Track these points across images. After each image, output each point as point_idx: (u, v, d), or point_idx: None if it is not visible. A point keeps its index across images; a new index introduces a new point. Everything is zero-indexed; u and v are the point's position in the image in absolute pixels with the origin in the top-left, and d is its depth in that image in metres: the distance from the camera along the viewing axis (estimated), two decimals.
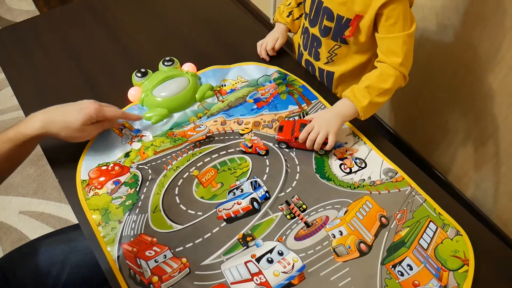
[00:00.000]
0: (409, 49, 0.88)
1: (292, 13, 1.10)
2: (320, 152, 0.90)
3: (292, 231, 0.78)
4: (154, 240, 0.78)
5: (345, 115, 0.88)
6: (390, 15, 0.86)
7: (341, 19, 0.92)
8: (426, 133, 1.53)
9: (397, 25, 0.86)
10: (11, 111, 1.99)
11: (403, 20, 0.86)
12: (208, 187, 0.85)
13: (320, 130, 0.86)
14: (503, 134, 1.24)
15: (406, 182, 0.85)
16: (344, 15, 0.91)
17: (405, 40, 0.87)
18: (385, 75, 0.88)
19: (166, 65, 1.04)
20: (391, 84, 0.88)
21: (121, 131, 0.95)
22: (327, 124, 0.87)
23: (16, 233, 1.59)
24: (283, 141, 0.91)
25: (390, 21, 0.86)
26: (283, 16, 1.11)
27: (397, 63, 0.87)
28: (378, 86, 0.88)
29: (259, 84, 1.03)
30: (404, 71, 0.89)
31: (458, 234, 0.78)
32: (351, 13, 0.90)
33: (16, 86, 1.08)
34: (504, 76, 1.14)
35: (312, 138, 0.87)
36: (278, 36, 1.09)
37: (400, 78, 0.90)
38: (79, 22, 1.25)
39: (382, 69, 0.89)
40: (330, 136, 0.86)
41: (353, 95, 0.88)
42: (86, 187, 0.86)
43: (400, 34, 0.86)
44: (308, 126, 0.88)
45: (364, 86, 0.88)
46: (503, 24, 1.07)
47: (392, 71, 0.88)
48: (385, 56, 0.89)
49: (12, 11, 2.48)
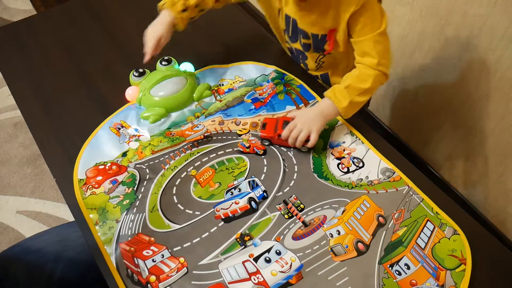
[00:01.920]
0: (383, 47, 0.88)
1: (187, 10, 0.97)
2: (303, 150, 0.90)
3: (289, 230, 0.78)
4: (151, 239, 0.78)
5: (327, 114, 0.89)
6: (359, 20, 0.86)
7: (317, 36, 0.93)
8: (423, 132, 1.54)
9: (367, 27, 0.86)
10: (8, 111, 1.99)
11: (372, 22, 0.86)
12: (206, 187, 0.85)
13: (302, 128, 0.87)
14: (500, 134, 1.24)
15: (403, 181, 0.85)
16: (318, 33, 0.93)
17: (377, 40, 0.87)
18: (364, 75, 0.88)
19: (164, 65, 1.04)
20: (370, 84, 0.88)
21: (118, 131, 0.95)
22: (309, 122, 0.87)
23: (13, 233, 1.58)
24: (266, 138, 0.91)
25: (359, 25, 0.87)
26: (176, 8, 0.96)
27: (373, 64, 0.87)
28: (357, 86, 0.87)
29: (257, 83, 1.03)
30: (382, 69, 0.88)
31: (455, 234, 0.78)
32: (324, 30, 0.91)
33: (13, 85, 1.07)
34: (500, 76, 1.14)
35: (294, 136, 0.87)
36: (162, 33, 0.95)
37: (380, 77, 0.89)
38: (76, 21, 1.25)
39: (361, 70, 0.89)
40: (312, 135, 0.86)
41: (334, 95, 0.88)
42: (83, 187, 0.85)
43: (370, 35, 0.86)
44: (291, 124, 0.88)
45: (344, 87, 0.88)
46: (499, 23, 1.07)
47: (371, 71, 0.88)
48: (361, 58, 0.89)
49: (9, 10, 2.47)
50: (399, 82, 1.50)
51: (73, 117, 0.99)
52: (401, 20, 1.34)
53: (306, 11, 0.91)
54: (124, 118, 0.97)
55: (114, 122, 0.96)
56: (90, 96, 1.03)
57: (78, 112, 1.00)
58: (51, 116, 0.99)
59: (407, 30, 1.35)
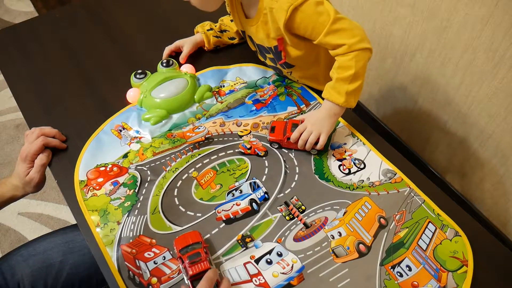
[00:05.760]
0: (345, 30, 0.84)
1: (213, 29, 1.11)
2: (312, 152, 0.90)
3: (291, 232, 0.78)
4: (153, 241, 0.78)
5: (334, 113, 0.89)
6: (303, 24, 0.85)
7: (272, 49, 0.94)
8: (424, 133, 1.53)
9: (317, 25, 0.84)
10: (9, 113, 1.99)
11: (318, 17, 0.83)
12: (207, 189, 0.85)
13: (312, 130, 0.87)
14: (502, 135, 1.24)
15: (405, 183, 0.85)
16: (271, 45, 0.93)
17: (334, 30, 0.84)
18: (344, 63, 0.86)
19: (165, 66, 1.04)
20: (355, 68, 0.85)
21: (119, 133, 0.95)
22: (318, 124, 0.87)
23: (15, 235, 1.58)
24: (275, 141, 0.91)
25: (309, 28, 0.85)
26: (204, 28, 1.11)
27: (346, 49, 0.84)
28: (344, 76, 0.85)
29: (258, 85, 1.03)
30: (358, 47, 0.84)
31: (457, 235, 0.78)
32: (273, 41, 0.92)
33: (15, 87, 1.08)
34: (502, 77, 1.14)
35: (304, 138, 0.87)
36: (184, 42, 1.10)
37: (361, 55, 0.85)
38: (78, 23, 1.25)
39: (339, 60, 0.86)
40: (322, 136, 0.87)
41: (329, 94, 0.88)
42: (84, 188, 0.85)
43: (325, 29, 0.83)
44: (301, 126, 0.88)
45: (334, 82, 0.87)
46: (501, 24, 1.07)
47: (349, 56, 0.85)
48: (333, 50, 0.87)
49: (10, 12, 2.48)
50: (400, 83, 1.50)
51: (74, 118, 0.99)
52: (402, 21, 1.35)
53: (252, 25, 0.93)
54: (125, 119, 0.97)
55: (115, 124, 0.96)
56: (91, 97, 1.03)
57: (79, 113, 1.00)
58: (52, 118, 0.99)
59: (408, 31, 1.35)
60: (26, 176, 0.87)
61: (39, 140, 0.88)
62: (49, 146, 0.90)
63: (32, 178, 0.87)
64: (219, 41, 1.11)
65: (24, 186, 0.89)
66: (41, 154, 0.88)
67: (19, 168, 0.88)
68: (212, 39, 1.10)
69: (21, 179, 0.88)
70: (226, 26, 1.11)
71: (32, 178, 0.87)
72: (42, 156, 0.88)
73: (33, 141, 0.88)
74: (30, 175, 0.87)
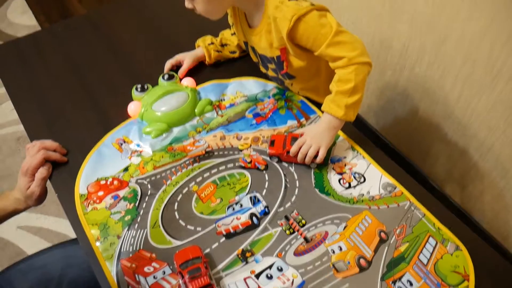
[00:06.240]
0: (346, 43, 0.85)
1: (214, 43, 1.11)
2: (312, 166, 0.90)
3: (291, 246, 0.78)
4: (153, 256, 0.77)
5: (333, 127, 0.89)
6: (306, 35, 0.86)
7: (274, 59, 0.95)
8: (424, 146, 1.54)
9: (319, 37, 0.85)
10: (11, 125, 2.00)
11: (321, 29, 0.84)
12: (207, 202, 0.85)
13: (311, 144, 0.87)
14: (502, 148, 1.24)
15: (405, 196, 0.85)
16: (273, 55, 0.94)
17: (336, 42, 0.84)
18: (344, 76, 0.86)
19: (166, 80, 1.05)
20: (354, 81, 0.85)
21: (120, 146, 0.95)
22: (318, 138, 0.87)
23: (13, 248, 1.58)
24: (275, 155, 0.91)
25: (311, 39, 0.86)
26: (205, 42, 1.11)
27: (346, 62, 0.85)
28: (344, 89, 0.86)
29: (258, 99, 1.04)
30: (358, 60, 0.85)
31: (457, 249, 0.78)
32: (276, 51, 0.93)
33: (17, 100, 1.08)
34: (501, 90, 1.15)
35: (304, 152, 0.87)
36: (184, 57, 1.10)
37: (360, 68, 0.86)
38: (80, 37, 1.26)
39: (339, 73, 0.87)
40: (321, 149, 0.87)
41: (329, 107, 0.88)
42: (84, 202, 0.85)
43: (327, 41, 0.84)
44: (300, 140, 0.89)
45: (334, 95, 0.88)
46: (498, 38, 1.08)
47: (349, 69, 0.86)
48: (333, 63, 0.88)
49: (13, 26, 2.50)
50: (400, 95, 1.51)
51: (75, 131, 0.99)
52: (401, 35, 1.36)
53: (256, 35, 0.94)
54: (126, 133, 0.98)
55: (116, 137, 0.97)
56: (92, 111, 1.04)
57: (80, 126, 1.01)
58: (53, 131, 0.99)
59: (407, 45, 1.36)
60: (27, 189, 0.88)
61: (40, 154, 0.88)
62: (49, 160, 0.90)
63: (33, 191, 0.88)
64: (220, 55, 1.12)
65: (26, 200, 0.89)
66: (41, 168, 0.89)
67: (20, 182, 0.88)
68: (213, 54, 1.10)
69: (22, 192, 0.88)
70: (227, 40, 1.12)
71: (33, 191, 0.88)
72: (42, 170, 0.88)
73: (34, 154, 0.89)
74: (31, 188, 0.88)
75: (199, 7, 0.88)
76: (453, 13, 1.15)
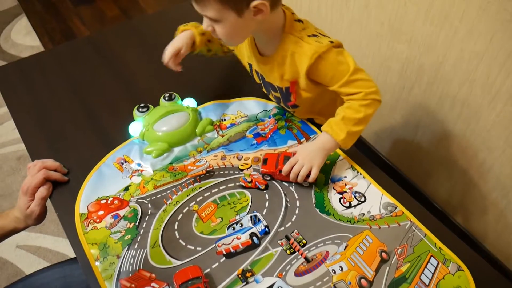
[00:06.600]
0: (362, 80, 0.87)
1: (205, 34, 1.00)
2: (304, 184, 0.90)
3: (292, 266, 0.78)
4: (152, 276, 0.77)
5: (327, 148, 0.89)
6: (323, 71, 0.87)
7: (281, 89, 0.96)
8: (424, 166, 1.54)
9: (337, 74, 0.87)
10: (12, 144, 2.01)
11: (338, 66, 0.86)
12: (207, 222, 0.85)
13: (304, 164, 0.87)
14: (502, 168, 1.24)
15: (406, 216, 0.85)
16: (282, 86, 0.95)
17: (353, 79, 0.86)
18: (355, 106, 0.88)
19: (167, 100, 1.06)
20: (363, 113, 0.87)
21: (121, 166, 0.95)
22: (310, 157, 0.88)
23: (12, 268, 1.56)
24: (267, 174, 0.91)
25: (328, 76, 0.87)
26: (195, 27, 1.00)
27: (362, 96, 0.87)
28: (352, 117, 0.87)
29: (259, 119, 1.05)
30: (372, 97, 0.88)
31: (459, 270, 0.77)
32: (286, 83, 0.93)
33: (19, 119, 1.09)
34: (500, 111, 1.16)
35: (296, 171, 0.87)
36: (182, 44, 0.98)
37: (372, 104, 0.88)
38: (83, 58, 1.28)
39: (351, 103, 0.89)
40: (313, 170, 0.87)
41: (331, 129, 0.89)
42: (84, 221, 0.85)
43: (345, 79, 0.86)
44: (292, 159, 0.89)
45: (340, 118, 0.88)
46: (496, 59, 1.09)
47: (363, 102, 0.88)
48: (348, 97, 0.89)
49: (16, 46, 2.53)
50: (399, 115, 1.52)
51: (76, 151, 1.00)
52: (399, 56, 1.37)
53: (266, 64, 0.94)
54: (127, 152, 0.98)
55: (117, 157, 0.97)
56: (94, 130, 1.05)
57: (81, 146, 1.01)
58: (54, 150, 1.00)
59: (405, 66, 1.37)
60: (27, 209, 0.88)
61: (40, 174, 0.89)
62: (50, 179, 0.91)
63: (32, 211, 0.88)
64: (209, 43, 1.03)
65: (25, 219, 0.89)
66: (41, 187, 0.89)
67: (20, 201, 0.89)
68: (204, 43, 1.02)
69: (22, 212, 0.88)
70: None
71: (32, 211, 0.88)
72: (42, 190, 0.89)
73: (35, 174, 0.89)
74: (30, 208, 0.88)
75: (221, 32, 0.83)
76: (451, 33, 1.17)
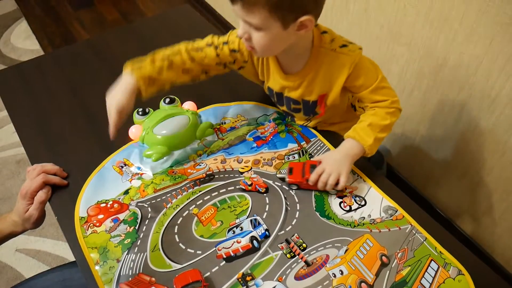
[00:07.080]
0: (388, 87, 0.91)
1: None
2: (331, 192, 0.90)
3: (292, 270, 0.77)
4: (152, 279, 0.77)
5: (353, 155, 0.89)
6: (357, 77, 0.88)
7: (308, 102, 0.95)
8: (424, 169, 1.54)
9: (367, 81, 0.89)
10: (11, 148, 2.00)
11: (368, 72, 0.88)
12: (207, 226, 0.85)
13: (331, 172, 0.86)
14: (501, 171, 1.24)
15: (406, 220, 0.85)
16: (308, 99, 0.94)
17: (381, 87, 0.89)
18: (382, 113, 0.90)
19: (167, 104, 1.05)
20: (389, 120, 0.90)
21: (121, 169, 0.95)
22: (337, 165, 0.87)
23: (11, 272, 1.56)
24: (294, 183, 0.90)
25: (360, 81, 0.89)
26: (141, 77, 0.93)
27: (387, 104, 0.90)
28: (378, 123, 0.89)
29: (259, 123, 1.05)
30: (396, 105, 0.91)
31: (460, 274, 0.77)
32: (314, 96, 0.93)
33: (19, 123, 1.09)
34: (499, 114, 1.16)
35: (323, 180, 0.87)
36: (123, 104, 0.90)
37: (396, 112, 0.92)
38: (82, 61, 1.28)
39: (377, 110, 0.90)
40: (341, 177, 0.86)
41: (358, 135, 0.89)
42: (84, 225, 0.85)
43: (373, 86, 0.88)
44: (319, 168, 0.88)
45: (367, 125, 0.89)
46: (496, 62, 1.10)
47: (388, 110, 0.90)
48: (374, 104, 0.91)
49: (16, 50, 2.53)
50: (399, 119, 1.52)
51: (76, 154, 1.00)
52: (399, 59, 1.38)
53: (295, 81, 0.92)
54: (127, 156, 0.98)
55: (117, 160, 0.97)
56: (93, 134, 1.04)
57: (81, 149, 1.01)
58: (54, 154, 1.00)
59: (405, 69, 1.38)
60: (25, 212, 0.88)
61: (39, 178, 0.88)
62: (49, 183, 0.90)
63: (31, 215, 0.87)
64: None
65: (23, 223, 0.89)
66: (40, 191, 0.89)
67: (19, 204, 0.88)
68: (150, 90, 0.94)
69: (20, 215, 0.88)
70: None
71: (31, 215, 0.87)
72: (41, 193, 0.88)
73: (34, 178, 0.89)
74: (29, 212, 0.87)
75: (259, 41, 0.80)
76: (451, 36, 1.17)
